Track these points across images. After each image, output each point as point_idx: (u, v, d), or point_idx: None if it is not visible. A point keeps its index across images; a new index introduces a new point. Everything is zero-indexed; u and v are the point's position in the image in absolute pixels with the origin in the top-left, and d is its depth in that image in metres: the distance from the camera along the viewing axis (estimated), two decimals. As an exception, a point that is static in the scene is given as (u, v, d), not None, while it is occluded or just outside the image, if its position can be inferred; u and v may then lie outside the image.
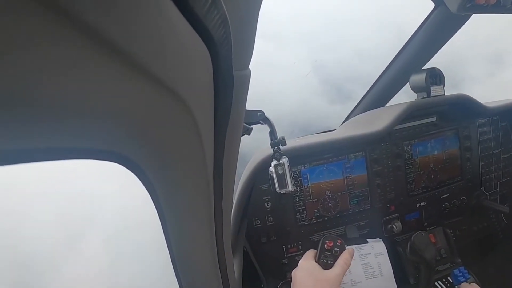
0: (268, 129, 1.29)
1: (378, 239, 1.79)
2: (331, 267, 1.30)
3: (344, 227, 1.89)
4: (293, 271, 1.34)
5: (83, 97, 0.29)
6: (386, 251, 1.72)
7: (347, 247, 1.40)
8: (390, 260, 1.69)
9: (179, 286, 0.78)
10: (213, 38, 0.43)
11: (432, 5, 1.84)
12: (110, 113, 0.34)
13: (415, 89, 1.99)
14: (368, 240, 1.77)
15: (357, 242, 1.75)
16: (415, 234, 1.67)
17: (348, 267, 1.31)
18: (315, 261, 1.34)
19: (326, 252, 1.35)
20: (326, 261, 1.32)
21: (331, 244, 1.36)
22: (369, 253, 1.70)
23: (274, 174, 1.31)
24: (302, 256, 1.41)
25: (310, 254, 1.38)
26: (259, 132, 1.25)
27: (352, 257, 1.35)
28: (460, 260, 1.98)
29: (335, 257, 1.33)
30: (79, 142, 0.35)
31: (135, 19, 0.27)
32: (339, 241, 1.38)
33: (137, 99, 0.35)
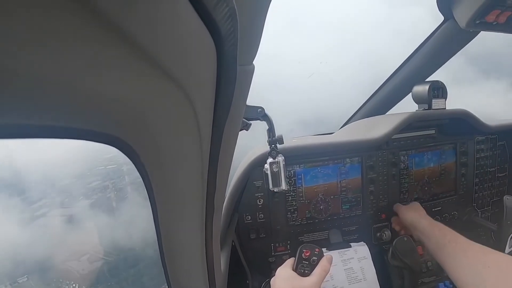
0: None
1: (362, 242, 1.79)
2: (308, 276, 1.30)
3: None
4: (272, 279, 1.35)
5: (88, 80, 0.29)
6: (369, 255, 1.72)
7: (328, 253, 1.40)
8: (376, 268, 1.69)
9: (165, 274, 0.78)
10: (220, 31, 0.44)
11: (442, 17, 1.84)
12: (113, 98, 0.34)
13: (417, 100, 1.99)
14: (351, 244, 1.77)
15: (340, 246, 1.75)
16: (397, 239, 1.68)
17: (327, 274, 1.32)
18: (293, 270, 1.34)
19: (303, 262, 1.35)
20: (303, 271, 1.32)
21: (308, 254, 1.36)
22: (352, 258, 1.70)
23: (268, 172, 1.31)
24: (289, 256, 1.42)
25: (289, 263, 1.38)
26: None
27: (331, 264, 1.35)
28: (446, 274, 1.98)
29: (313, 266, 1.33)
30: (80, 124, 0.35)
31: (146, 7, 0.27)
32: (316, 249, 1.37)
33: (140, 86, 0.35)
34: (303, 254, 1.35)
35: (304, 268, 1.32)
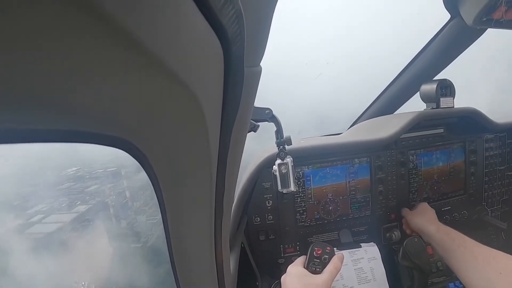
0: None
1: (372, 243, 1.78)
2: (320, 273, 1.30)
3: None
4: (282, 276, 1.35)
5: (96, 83, 0.29)
6: (379, 255, 1.72)
7: (338, 252, 1.40)
8: (386, 268, 1.68)
9: (174, 277, 0.78)
10: (226, 33, 0.44)
11: (448, 15, 1.84)
12: (121, 101, 0.35)
13: (424, 99, 1.98)
14: (361, 244, 1.76)
15: (351, 246, 1.74)
16: (407, 239, 1.67)
17: (338, 272, 1.31)
18: (304, 268, 1.34)
19: (315, 260, 1.35)
20: (314, 268, 1.32)
21: (319, 252, 1.35)
22: (362, 258, 1.70)
23: (277, 173, 1.31)
24: (298, 257, 1.42)
25: (299, 261, 1.38)
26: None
27: (342, 262, 1.35)
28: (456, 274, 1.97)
29: (324, 264, 1.32)
30: (88, 127, 0.36)
31: (152, 10, 0.27)
32: (328, 248, 1.37)
33: (148, 88, 0.35)
34: (314, 252, 1.35)
35: (315, 266, 1.32)
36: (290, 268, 1.35)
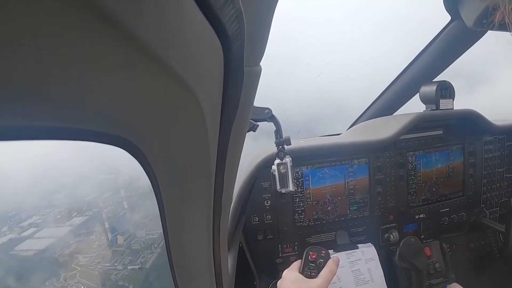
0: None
1: (369, 244, 1.78)
2: (315, 278, 1.30)
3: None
4: (278, 282, 1.35)
5: (97, 82, 0.29)
6: (377, 256, 1.71)
7: (335, 254, 1.40)
8: (384, 269, 1.68)
9: (172, 276, 0.78)
10: (227, 33, 0.44)
11: (449, 17, 1.84)
12: (120, 99, 0.34)
13: (424, 100, 1.98)
14: (358, 245, 1.76)
15: (347, 248, 1.74)
16: (404, 240, 1.67)
17: (334, 276, 1.31)
18: (299, 273, 1.34)
19: (310, 264, 1.35)
20: (309, 273, 1.32)
21: (314, 256, 1.36)
22: (360, 259, 1.70)
23: (276, 173, 1.31)
24: (296, 257, 1.42)
25: (295, 265, 1.39)
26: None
27: (337, 266, 1.35)
28: (454, 276, 1.97)
29: (319, 268, 1.33)
30: (89, 125, 0.36)
31: (152, 8, 0.27)
32: (323, 251, 1.37)
33: (148, 87, 0.35)
34: (309, 257, 1.35)
35: (310, 271, 1.32)
36: (285, 273, 1.36)
